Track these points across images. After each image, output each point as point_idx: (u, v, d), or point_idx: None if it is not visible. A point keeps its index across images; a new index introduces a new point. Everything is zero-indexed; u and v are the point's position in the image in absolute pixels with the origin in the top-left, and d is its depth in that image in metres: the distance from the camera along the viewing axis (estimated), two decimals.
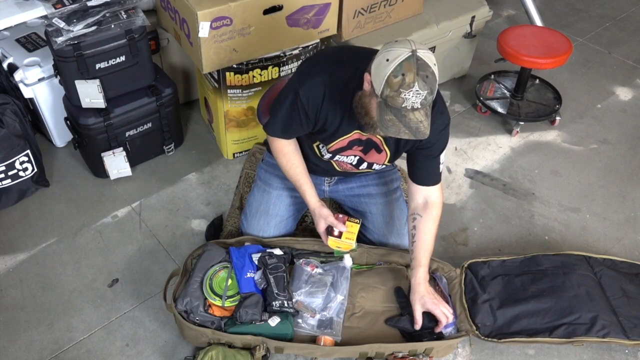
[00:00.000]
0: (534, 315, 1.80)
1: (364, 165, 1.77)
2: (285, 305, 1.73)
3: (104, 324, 1.88)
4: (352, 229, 1.77)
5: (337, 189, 1.98)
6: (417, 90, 1.33)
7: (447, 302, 1.84)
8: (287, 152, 1.77)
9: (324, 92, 1.55)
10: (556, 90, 2.78)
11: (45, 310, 1.92)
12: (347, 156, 1.74)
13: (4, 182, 2.16)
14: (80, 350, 1.81)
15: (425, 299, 1.71)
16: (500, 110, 2.68)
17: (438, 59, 2.68)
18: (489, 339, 1.77)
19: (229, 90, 2.22)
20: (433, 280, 1.90)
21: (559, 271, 1.91)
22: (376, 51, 1.43)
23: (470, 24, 2.72)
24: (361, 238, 1.99)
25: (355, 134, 1.65)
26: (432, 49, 2.67)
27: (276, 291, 1.73)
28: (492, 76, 2.86)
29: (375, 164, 1.76)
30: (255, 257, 1.82)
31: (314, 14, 2.20)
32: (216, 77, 2.21)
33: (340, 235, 1.75)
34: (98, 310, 1.92)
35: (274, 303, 1.72)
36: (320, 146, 1.75)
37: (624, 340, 1.75)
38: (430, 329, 1.75)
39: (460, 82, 2.98)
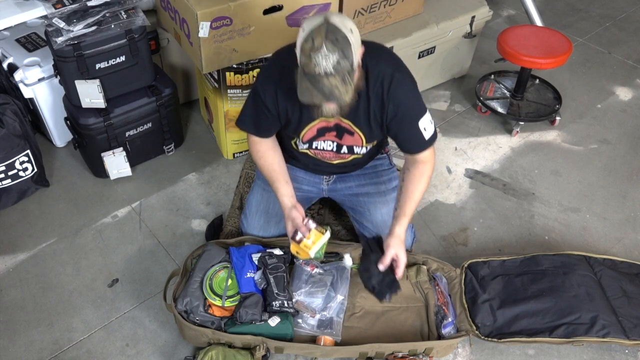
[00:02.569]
0: (534, 315, 1.80)
1: (344, 149, 1.78)
2: (285, 305, 1.72)
3: (104, 324, 1.88)
4: (315, 238, 1.67)
5: (335, 188, 1.98)
6: (325, 53, 1.34)
7: (447, 303, 1.84)
8: (262, 151, 1.79)
9: (275, 86, 1.61)
10: (556, 90, 2.78)
11: (45, 310, 1.92)
12: (324, 141, 1.76)
13: (4, 182, 2.16)
14: (80, 350, 1.81)
15: (399, 244, 1.70)
16: (500, 110, 2.68)
17: (438, 59, 2.75)
18: (489, 339, 1.77)
19: (229, 90, 2.22)
20: (433, 280, 1.90)
21: (559, 271, 1.91)
22: None
23: (470, 24, 2.72)
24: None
25: (321, 122, 1.68)
26: (432, 49, 2.67)
27: (276, 291, 1.73)
28: (492, 76, 2.86)
29: (355, 147, 1.77)
30: (255, 257, 1.82)
31: (314, 14, 2.20)
32: (216, 77, 2.21)
33: (300, 242, 1.68)
34: (98, 310, 1.92)
35: (274, 303, 1.72)
36: (297, 141, 1.77)
37: (624, 340, 1.75)
38: (391, 276, 1.73)
39: (460, 82, 2.98)
